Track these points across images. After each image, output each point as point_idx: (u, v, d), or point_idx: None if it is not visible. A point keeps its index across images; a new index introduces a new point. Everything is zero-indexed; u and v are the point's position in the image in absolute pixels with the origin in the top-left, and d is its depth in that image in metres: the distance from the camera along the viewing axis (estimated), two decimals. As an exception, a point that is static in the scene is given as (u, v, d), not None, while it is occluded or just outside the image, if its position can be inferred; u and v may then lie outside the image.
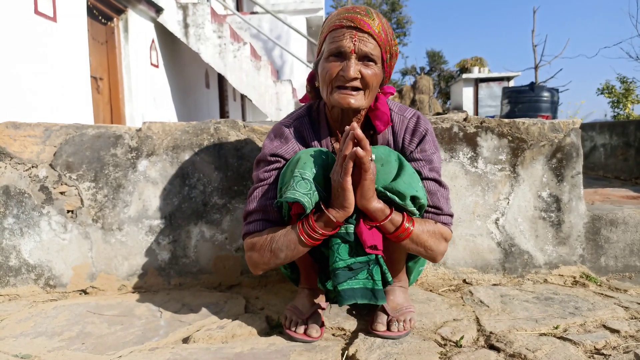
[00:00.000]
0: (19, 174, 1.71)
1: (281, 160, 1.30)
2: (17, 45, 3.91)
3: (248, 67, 7.06)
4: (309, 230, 1.16)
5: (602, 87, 9.51)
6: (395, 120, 1.32)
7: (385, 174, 1.19)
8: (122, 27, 5.97)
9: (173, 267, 1.76)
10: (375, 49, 1.18)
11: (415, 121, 1.32)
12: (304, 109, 1.38)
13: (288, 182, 1.19)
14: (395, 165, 1.20)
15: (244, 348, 1.24)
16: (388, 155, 1.21)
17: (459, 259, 1.76)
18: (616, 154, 3.51)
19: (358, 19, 1.17)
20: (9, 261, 1.71)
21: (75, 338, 1.33)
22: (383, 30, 1.19)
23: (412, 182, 1.19)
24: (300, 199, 1.13)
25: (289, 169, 1.22)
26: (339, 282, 1.20)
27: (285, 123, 1.35)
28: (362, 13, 1.18)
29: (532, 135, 1.75)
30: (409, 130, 1.31)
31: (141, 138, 1.74)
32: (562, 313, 1.42)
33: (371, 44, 1.18)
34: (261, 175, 1.30)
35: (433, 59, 28.27)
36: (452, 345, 1.24)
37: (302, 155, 1.21)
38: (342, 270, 1.21)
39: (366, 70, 1.19)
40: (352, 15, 1.18)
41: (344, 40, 1.17)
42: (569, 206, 1.77)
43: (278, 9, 10.13)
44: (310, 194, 1.15)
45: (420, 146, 1.30)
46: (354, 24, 1.16)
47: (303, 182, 1.15)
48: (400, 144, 1.32)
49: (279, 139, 1.32)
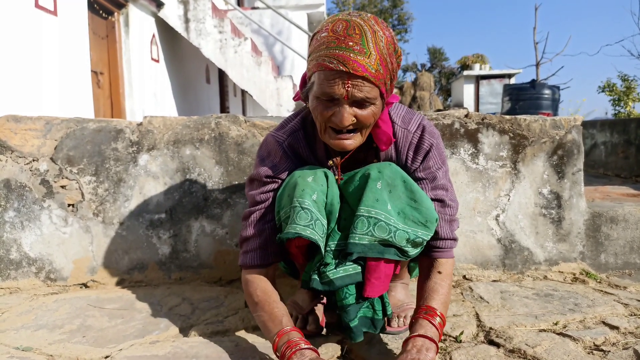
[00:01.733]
0: (20, 167, 1.71)
1: (277, 180, 1.23)
2: (17, 39, 3.90)
3: (249, 62, 7.04)
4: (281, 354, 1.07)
5: (603, 85, 9.50)
6: (398, 135, 1.22)
7: (396, 199, 1.13)
8: (122, 21, 5.96)
9: (174, 261, 1.76)
10: (371, 91, 1.05)
11: (420, 135, 1.21)
12: (298, 122, 1.26)
13: (286, 210, 1.14)
14: (402, 188, 1.14)
15: (243, 342, 1.25)
16: (394, 179, 1.14)
17: (459, 255, 1.76)
18: (617, 151, 3.51)
19: (351, 62, 1.00)
20: (9, 254, 1.71)
21: (76, 331, 1.33)
22: (381, 63, 1.04)
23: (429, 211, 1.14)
24: (302, 232, 1.09)
25: (285, 192, 1.17)
26: (351, 318, 1.15)
27: (279, 138, 1.24)
28: (356, 49, 1.01)
29: (534, 132, 1.75)
30: (412, 147, 1.22)
31: (142, 132, 1.74)
32: (561, 309, 1.43)
33: (367, 88, 1.04)
34: (257, 198, 1.23)
35: (434, 56, 28.23)
36: (452, 340, 1.25)
37: (298, 181, 1.15)
38: (352, 306, 1.15)
39: (361, 112, 1.07)
40: (344, 55, 1.01)
41: (335, 87, 1.03)
42: (570, 203, 1.77)
43: (279, 5, 10.09)
44: (312, 224, 1.10)
45: (424, 164, 1.22)
46: (346, 67, 1.01)
47: (303, 213, 1.10)
48: (403, 161, 1.23)
49: (273, 158, 1.24)
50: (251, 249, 1.22)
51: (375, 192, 1.11)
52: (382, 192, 1.11)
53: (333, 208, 1.16)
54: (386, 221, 1.10)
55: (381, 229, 1.10)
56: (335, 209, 1.17)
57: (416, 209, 1.12)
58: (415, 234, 1.12)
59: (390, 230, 1.10)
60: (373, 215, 1.10)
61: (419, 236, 1.12)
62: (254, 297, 1.18)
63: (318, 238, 1.10)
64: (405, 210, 1.12)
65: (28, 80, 4.05)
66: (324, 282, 1.13)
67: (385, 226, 1.10)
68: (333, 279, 1.12)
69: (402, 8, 27.28)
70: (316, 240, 1.10)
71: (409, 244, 1.12)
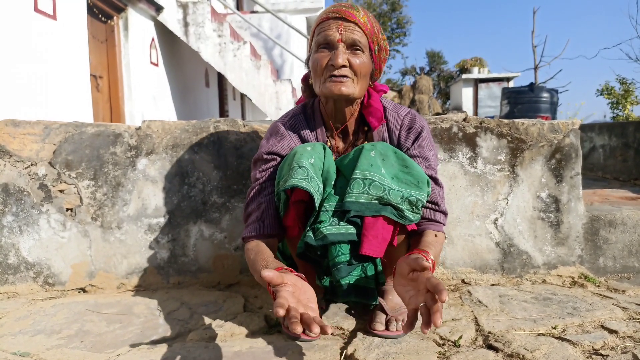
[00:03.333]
0: (18, 171, 1.71)
1: (277, 157, 1.32)
2: (16, 43, 3.91)
3: (248, 66, 7.05)
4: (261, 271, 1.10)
5: (601, 88, 9.51)
6: (389, 117, 1.34)
7: (389, 166, 1.20)
8: (122, 25, 5.97)
9: (172, 265, 1.76)
10: (362, 37, 1.22)
11: (411, 118, 1.33)
12: (299, 107, 1.41)
13: (286, 175, 1.20)
14: (394, 157, 1.22)
15: (242, 347, 1.24)
16: (386, 150, 1.22)
17: (457, 259, 1.76)
18: (615, 155, 3.51)
19: (343, 11, 1.22)
20: (7, 259, 1.71)
21: (74, 336, 1.33)
22: (369, 21, 1.24)
23: (420, 174, 1.21)
24: (298, 184, 1.15)
25: (286, 162, 1.24)
26: (342, 276, 1.21)
27: (281, 121, 1.38)
28: (348, 6, 1.24)
29: (532, 136, 1.76)
30: (405, 127, 1.33)
31: (141, 136, 1.74)
32: (560, 313, 1.43)
33: (358, 32, 1.21)
34: (258, 175, 1.33)
35: (433, 59, 28.26)
36: (450, 344, 1.25)
37: (298, 149, 1.24)
38: (344, 264, 1.21)
39: (354, 58, 1.22)
40: (337, 8, 1.23)
41: (330, 30, 1.21)
42: (568, 207, 1.77)
43: (278, 8, 10.12)
44: (308, 178, 1.16)
45: (417, 143, 1.31)
46: (340, 14, 1.21)
47: (300, 170, 1.17)
48: (396, 141, 1.33)
49: (275, 137, 1.35)
50: (250, 222, 1.30)
51: (369, 158, 1.19)
52: (375, 159, 1.20)
53: (329, 175, 1.24)
54: (380, 182, 1.17)
55: (376, 188, 1.17)
56: (332, 177, 1.24)
57: (408, 173, 1.21)
58: (409, 192, 1.19)
59: (384, 189, 1.17)
60: (368, 177, 1.18)
61: (412, 195, 1.19)
62: (250, 255, 1.21)
63: (313, 191, 1.16)
64: (398, 175, 1.21)
65: (27, 84, 4.05)
66: (317, 238, 1.17)
67: (380, 185, 1.17)
68: (327, 234, 1.16)
69: (400, 12, 27.33)
70: (311, 192, 1.16)
71: (405, 203, 1.18)
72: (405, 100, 17.57)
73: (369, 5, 25.49)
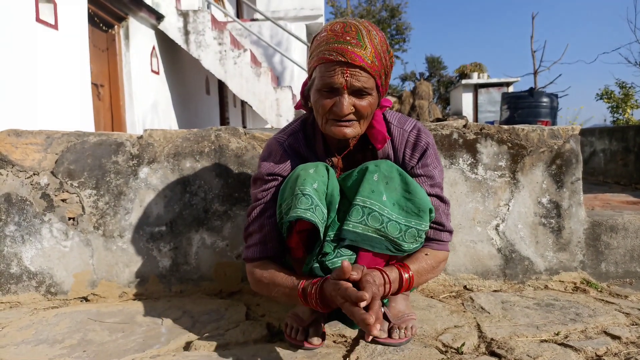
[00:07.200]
0: (21, 181, 1.71)
1: (278, 178, 1.29)
2: (18, 52, 3.93)
3: (248, 73, 7.08)
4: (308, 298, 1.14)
5: (601, 93, 9.53)
6: (394, 133, 1.29)
7: (392, 191, 1.18)
8: (123, 34, 6.00)
9: (174, 274, 1.76)
10: (368, 81, 1.14)
11: (416, 134, 1.29)
12: (298, 123, 1.35)
13: (289, 200, 1.18)
14: (398, 180, 1.19)
15: (245, 355, 1.24)
16: (390, 172, 1.19)
17: (459, 266, 1.76)
18: (616, 159, 3.52)
19: (349, 52, 1.11)
20: (10, 269, 1.71)
21: (76, 346, 1.33)
22: (376, 57, 1.14)
23: (422, 201, 1.19)
24: (303, 215, 1.13)
25: (288, 185, 1.21)
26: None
27: (280, 139, 1.33)
28: (353, 42, 1.12)
29: (532, 142, 1.76)
30: (410, 145, 1.29)
31: (142, 145, 1.75)
32: (563, 319, 1.42)
33: (364, 78, 1.13)
34: (259, 195, 1.30)
35: (432, 65, 28.36)
36: (453, 352, 1.24)
37: (300, 172, 1.20)
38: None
39: (360, 102, 1.16)
40: (342, 47, 1.12)
41: (335, 76, 1.13)
42: (569, 212, 1.77)
43: (278, 16, 10.17)
44: (312, 208, 1.14)
45: (422, 161, 1.28)
46: (345, 58, 1.11)
47: (304, 198, 1.15)
48: (400, 159, 1.30)
49: (275, 157, 1.31)
50: (252, 243, 1.29)
51: (372, 183, 1.17)
52: (378, 184, 1.17)
53: (333, 199, 1.21)
54: (380, 211, 1.16)
55: (374, 219, 1.16)
56: (336, 200, 1.22)
57: (410, 200, 1.18)
58: (408, 223, 1.18)
59: (382, 220, 1.16)
60: (368, 205, 1.16)
61: (411, 226, 1.18)
62: (264, 280, 1.23)
63: (318, 221, 1.15)
64: (400, 202, 1.18)
65: (29, 94, 4.07)
66: (323, 269, 1.18)
67: (379, 216, 1.16)
68: (332, 269, 1.16)
69: (400, 18, 27.45)
70: (316, 223, 1.14)
71: (404, 235, 1.17)
72: (405, 106, 17.60)
73: (368, 12, 25.61)
